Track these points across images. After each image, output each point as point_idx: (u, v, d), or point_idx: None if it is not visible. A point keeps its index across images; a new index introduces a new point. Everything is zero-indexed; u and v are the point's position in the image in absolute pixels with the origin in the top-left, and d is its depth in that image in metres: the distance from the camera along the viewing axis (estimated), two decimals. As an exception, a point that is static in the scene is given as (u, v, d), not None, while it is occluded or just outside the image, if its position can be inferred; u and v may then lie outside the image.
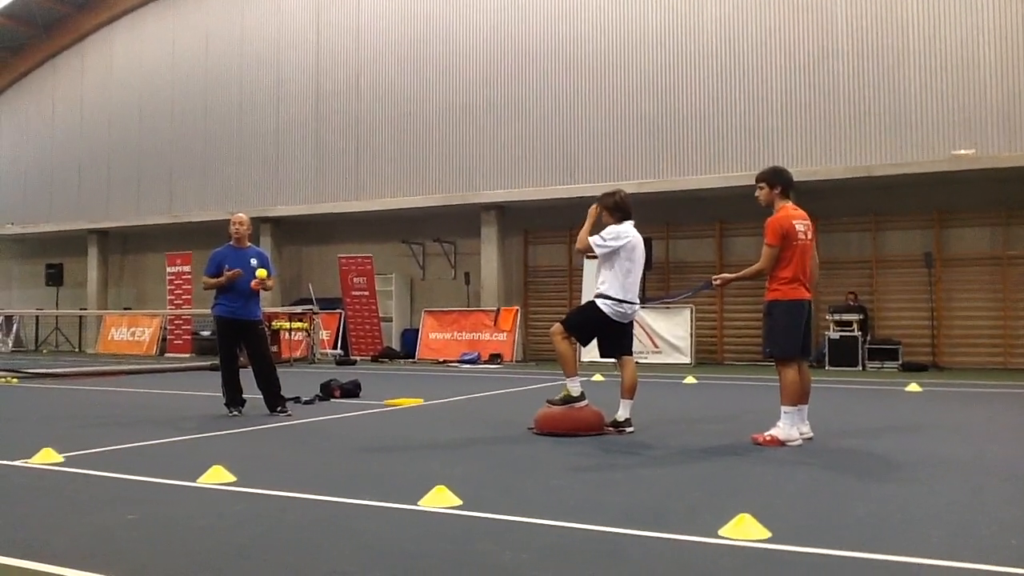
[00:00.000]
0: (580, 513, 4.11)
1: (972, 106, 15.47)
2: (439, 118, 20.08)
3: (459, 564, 3.34)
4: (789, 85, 16.77)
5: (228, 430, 7.30)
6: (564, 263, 19.19)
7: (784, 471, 5.32)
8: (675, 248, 18.21)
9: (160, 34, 24.37)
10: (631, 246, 6.91)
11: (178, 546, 3.60)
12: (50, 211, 26.06)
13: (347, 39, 21.29)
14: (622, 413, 6.92)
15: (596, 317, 6.94)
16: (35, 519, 4.09)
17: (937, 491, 4.72)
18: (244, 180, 22.68)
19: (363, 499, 4.44)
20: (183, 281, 21.59)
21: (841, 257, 16.58)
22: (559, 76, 18.79)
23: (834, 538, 3.64)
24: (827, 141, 16.42)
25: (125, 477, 5.10)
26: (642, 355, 15.90)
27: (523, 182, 18.98)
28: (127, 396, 10.71)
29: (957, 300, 16.04)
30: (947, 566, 3.24)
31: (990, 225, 15.88)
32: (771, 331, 6.49)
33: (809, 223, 6.56)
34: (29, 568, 3.26)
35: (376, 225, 21.05)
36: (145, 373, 14.79)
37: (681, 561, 3.39)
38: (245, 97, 22.76)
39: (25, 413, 8.90)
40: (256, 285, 8.35)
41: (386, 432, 7.31)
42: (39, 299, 25.93)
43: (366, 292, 19.69)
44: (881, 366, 15.25)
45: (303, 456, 6.05)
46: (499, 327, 18.51)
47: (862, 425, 7.65)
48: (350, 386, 10.19)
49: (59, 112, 26.42)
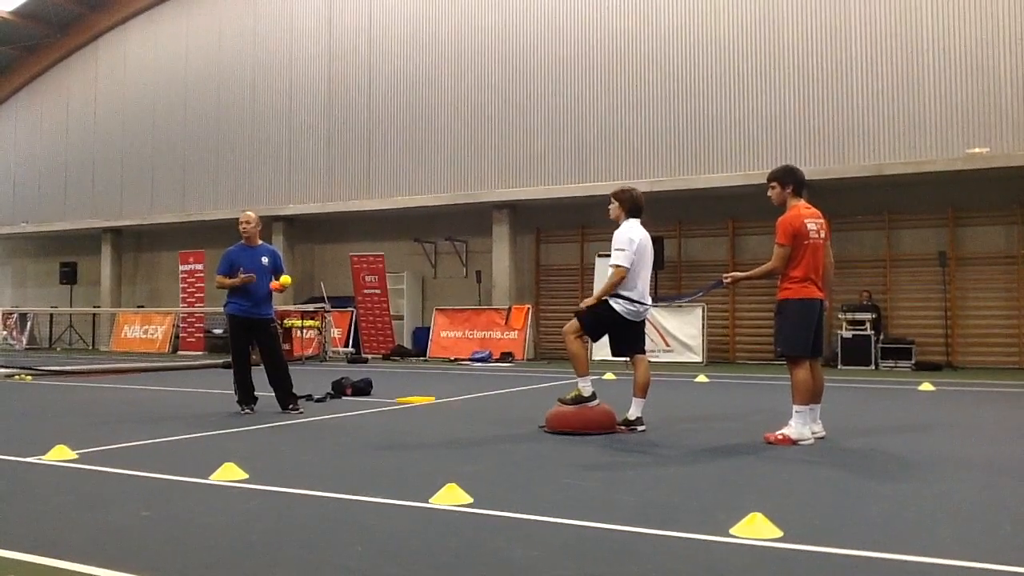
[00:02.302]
0: (591, 511, 4.11)
1: (986, 104, 15.37)
2: (451, 116, 20.09)
3: (470, 562, 3.34)
4: (802, 83, 16.71)
5: (240, 428, 7.33)
6: (576, 261, 19.18)
7: (796, 470, 5.30)
8: (687, 247, 18.17)
9: (173, 34, 24.48)
10: (640, 247, 6.91)
11: (191, 543, 3.62)
12: (64, 210, 26.23)
13: (359, 38, 21.33)
14: (634, 412, 6.91)
15: (609, 316, 6.93)
16: (49, 516, 4.11)
17: (950, 491, 4.69)
18: (257, 179, 22.76)
19: (374, 497, 4.45)
20: (196, 279, 21.68)
21: (855, 256, 16.51)
22: (571, 74, 18.78)
23: (846, 537, 3.63)
24: (841, 139, 16.35)
25: (138, 474, 5.13)
26: (654, 354, 15.85)
27: (535, 180, 18.97)
28: (140, 394, 10.76)
29: (971, 299, 15.94)
30: (960, 566, 3.22)
31: (1004, 224, 15.78)
32: (781, 330, 6.47)
33: (822, 222, 6.53)
34: (44, 564, 3.28)
35: (388, 224, 21.09)
36: (158, 371, 14.86)
37: (693, 560, 3.38)
38: (258, 96, 22.84)
39: (39, 410, 8.96)
40: (276, 287, 8.39)
41: (397, 430, 7.32)
42: (53, 297, 26.10)
43: (378, 290, 19.72)
44: (894, 365, 15.17)
45: (315, 454, 6.06)
46: (510, 325, 18.51)
47: (875, 424, 7.61)
48: (362, 384, 10.21)
49: (73, 111, 26.58)
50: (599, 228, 17.28)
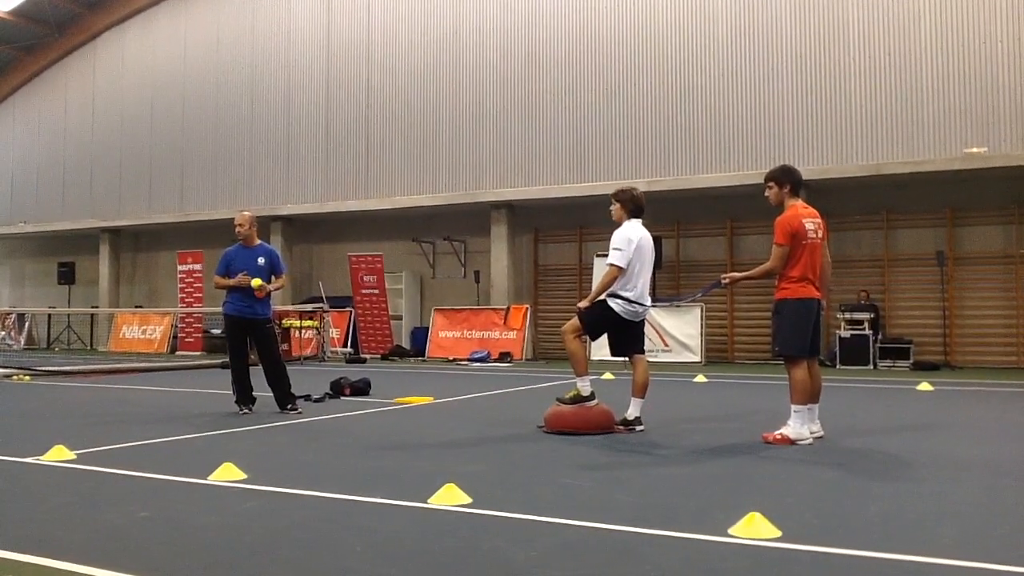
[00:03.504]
0: (590, 511, 4.11)
1: (984, 104, 15.38)
2: (449, 116, 20.08)
3: (469, 562, 3.34)
4: (801, 82, 16.71)
5: (239, 428, 7.32)
6: (574, 261, 19.18)
7: (795, 470, 5.31)
8: (686, 246, 18.18)
9: (172, 34, 24.46)
10: (639, 247, 6.91)
11: (189, 543, 3.62)
12: (62, 209, 26.19)
13: (358, 38, 21.32)
14: (632, 412, 6.91)
15: (608, 316, 6.93)
16: (47, 516, 4.11)
17: (949, 491, 4.70)
18: (255, 178, 22.75)
19: (373, 497, 4.45)
20: (194, 279, 21.66)
21: (853, 255, 16.52)
22: (569, 75, 18.77)
23: (845, 537, 3.63)
24: (839, 139, 16.35)
25: (136, 474, 5.12)
26: (652, 354, 15.80)
27: (533, 180, 18.97)
28: (138, 394, 10.75)
29: (969, 298, 15.95)
30: (959, 566, 3.22)
31: (1003, 223, 15.79)
32: (779, 329, 6.48)
33: (820, 221, 6.54)
34: (42, 564, 3.28)
35: (386, 223, 21.09)
36: (156, 371, 14.85)
37: (691, 560, 3.39)
38: (256, 96, 22.82)
39: (37, 410, 8.95)
40: (259, 294, 8.33)
41: (396, 430, 7.31)
42: (51, 297, 26.07)
43: (376, 290, 19.72)
44: (892, 365, 15.18)
45: (313, 454, 6.06)
46: (509, 325, 18.50)
47: (873, 424, 7.62)
48: (360, 384, 10.21)
49: (71, 111, 26.55)
50: (597, 228, 17.29)
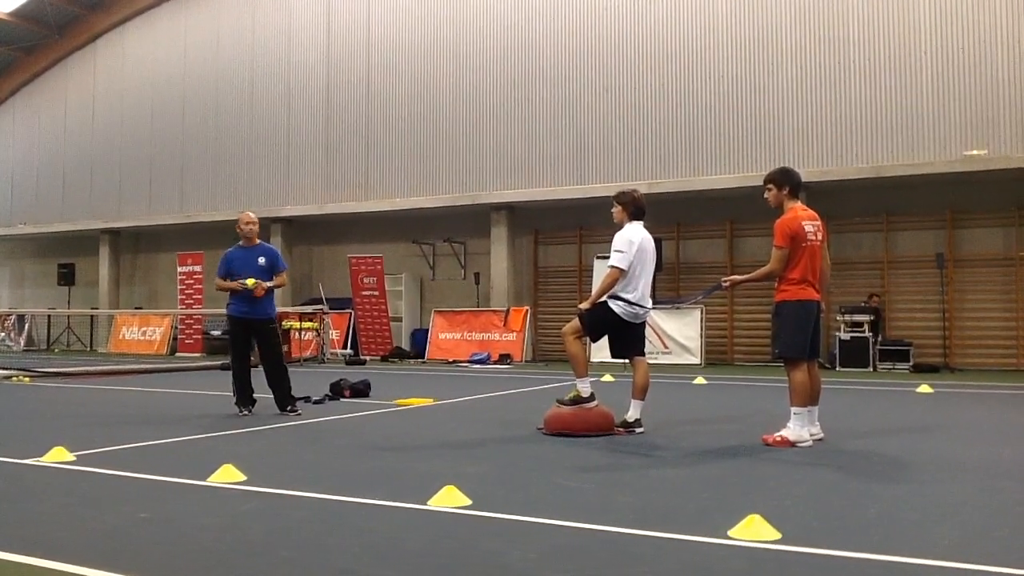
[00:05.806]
0: (589, 513, 4.11)
1: (984, 106, 15.38)
2: (449, 118, 20.08)
3: (468, 564, 3.34)
4: (801, 85, 16.71)
5: (238, 429, 7.32)
6: (574, 263, 19.17)
7: (794, 472, 5.31)
8: (686, 248, 18.18)
9: (172, 35, 24.47)
10: (640, 250, 6.91)
11: (189, 545, 3.62)
12: (62, 211, 26.19)
13: (358, 39, 21.32)
14: (632, 414, 6.91)
15: (608, 318, 6.93)
16: (47, 517, 4.11)
17: (949, 493, 4.70)
18: (255, 180, 22.74)
19: (373, 498, 4.45)
20: (194, 281, 21.65)
21: (853, 257, 16.52)
22: (569, 76, 18.77)
23: (844, 539, 3.63)
24: (839, 141, 16.35)
25: (136, 476, 5.12)
26: (652, 355, 15.79)
27: (533, 182, 18.97)
28: (138, 395, 10.75)
29: (969, 301, 15.95)
30: (959, 568, 3.22)
31: (1003, 225, 15.79)
32: (779, 331, 6.49)
33: (819, 224, 6.54)
34: (41, 566, 3.28)
35: (386, 225, 21.09)
36: (156, 372, 14.85)
37: (691, 562, 3.39)
38: (256, 97, 22.83)
39: (37, 412, 8.95)
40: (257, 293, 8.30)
41: (396, 432, 7.31)
42: (51, 299, 26.07)
43: (376, 292, 19.72)
44: (892, 367, 15.18)
45: (313, 455, 6.06)
46: (509, 327, 18.50)
47: (873, 426, 7.62)
48: (360, 386, 10.21)
49: (71, 112, 26.55)
50: (597, 230, 17.30)
